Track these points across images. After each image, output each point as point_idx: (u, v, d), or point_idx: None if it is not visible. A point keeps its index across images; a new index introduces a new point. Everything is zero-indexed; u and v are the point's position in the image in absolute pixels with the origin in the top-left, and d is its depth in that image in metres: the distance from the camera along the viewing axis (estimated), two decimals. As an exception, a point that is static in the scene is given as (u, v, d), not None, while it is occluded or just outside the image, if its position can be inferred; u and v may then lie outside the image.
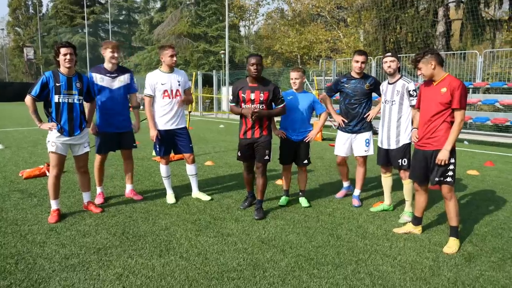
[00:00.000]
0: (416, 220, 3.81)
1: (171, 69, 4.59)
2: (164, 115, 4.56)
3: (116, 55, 4.47)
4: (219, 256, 3.26)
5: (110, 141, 4.65)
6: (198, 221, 4.10)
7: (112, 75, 4.52)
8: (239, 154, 4.43)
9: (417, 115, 3.80)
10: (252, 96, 4.14)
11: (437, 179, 3.45)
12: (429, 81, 3.54)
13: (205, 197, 4.88)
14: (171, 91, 4.54)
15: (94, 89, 4.35)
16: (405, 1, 18.45)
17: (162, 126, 4.58)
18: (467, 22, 17.46)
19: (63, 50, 3.88)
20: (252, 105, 4.14)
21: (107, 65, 4.52)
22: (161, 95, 4.52)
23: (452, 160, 3.43)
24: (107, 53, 4.45)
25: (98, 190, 4.79)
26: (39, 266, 3.06)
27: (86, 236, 3.66)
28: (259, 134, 4.24)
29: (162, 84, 4.50)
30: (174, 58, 4.51)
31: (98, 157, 4.69)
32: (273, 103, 4.27)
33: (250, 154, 4.36)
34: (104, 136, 4.59)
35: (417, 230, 3.80)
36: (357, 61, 4.50)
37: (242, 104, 4.21)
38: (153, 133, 4.56)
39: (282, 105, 4.26)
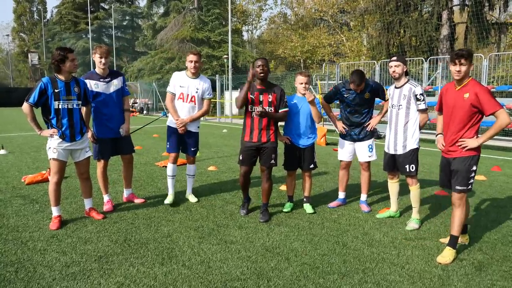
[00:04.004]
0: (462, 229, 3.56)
1: (195, 74, 4.67)
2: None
3: (103, 60, 4.39)
4: (222, 265, 3.19)
5: (109, 147, 4.61)
6: (201, 228, 4.03)
7: (106, 79, 4.48)
8: (241, 158, 4.33)
9: (440, 119, 3.66)
10: (261, 97, 4.17)
11: (457, 186, 3.34)
12: (450, 85, 3.43)
13: (193, 199, 5.01)
14: (187, 95, 4.65)
15: (89, 94, 4.34)
16: (408, 4, 18.41)
17: (175, 124, 4.68)
18: (472, 25, 17.37)
19: (71, 56, 3.87)
20: (261, 107, 4.16)
21: (99, 70, 4.47)
22: (177, 96, 4.67)
23: (474, 168, 3.32)
24: (96, 58, 4.41)
25: (106, 198, 4.70)
26: (39, 274, 3.01)
27: (87, 243, 3.61)
28: (266, 139, 4.23)
29: (180, 87, 4.64)
30: (192, 65, 4.59)
31: (99, 164, 4.64)
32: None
33: (253, 158, 4.30)
34: (102, 142, 4.54)
35: (464, 238, 3.62)
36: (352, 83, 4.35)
37: (250, 106, 4.21)
38: (180, 122, 4.62)
39: (285, 109, 4.28)
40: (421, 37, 18.10)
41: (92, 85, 4.41)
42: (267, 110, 4.14)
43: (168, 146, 4.78)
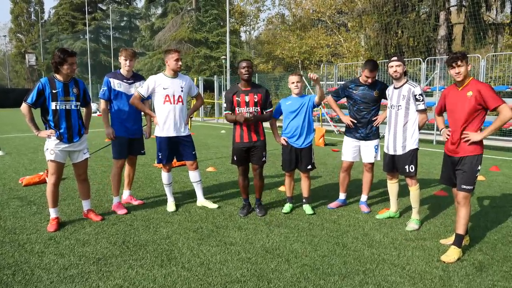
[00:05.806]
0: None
1: (175, 74, 4.53)
2: (165, 122, 4.48)
3: (128, 63, 4.53)
4: (222, 266, 3.17)
5: (124, 146, 4.63)
6: (200, 230, 4.01)
7: (129, 81, 4.59)
8: (235, 158, 4.50)
9: (438, 119, 3.75)
10: (247, 98, 4.29)
11: (463, 186, 3.38)
12: (452, 87, 3.49)
13: (211, 205, 4.76)
14: (173, 96, 4.46)
15: (88, 95, 4.32)
16: (406, 5, 18.43)
17: (164, 133, 4.50)
18: (469, 26, 17.39)
19: (70, 60, 3.83)
20: (247, 108, 4.28)
21: (123, 71, 4.58)
22: (162, 100, 4.46)
23: (479, 167, 3.38)
24: (121, 60, 4.55)
25: (116, 200, 4.65)
26: (37, 277, 2.98)
27: (85, 245, 3.58)
28: (257, 138, 4.38)
29: (164, 89, 4.43)
30: (179, 63, 4.46)
31: (116, 163, 4.63)
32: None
33: (245, 157, 4.45)
34: (121, 141, 4.59)
35: (465, 240, 3.59)
36: (367, 77, 4.38)
37: (237, 108, 4.31)
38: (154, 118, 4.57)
39: (270, 109, 4.46)
40: (418, 38, 18.12)
41: (116, 84, 4.52)
42: (253, 110, 4.28)
43: (160, 157, 4.58)
